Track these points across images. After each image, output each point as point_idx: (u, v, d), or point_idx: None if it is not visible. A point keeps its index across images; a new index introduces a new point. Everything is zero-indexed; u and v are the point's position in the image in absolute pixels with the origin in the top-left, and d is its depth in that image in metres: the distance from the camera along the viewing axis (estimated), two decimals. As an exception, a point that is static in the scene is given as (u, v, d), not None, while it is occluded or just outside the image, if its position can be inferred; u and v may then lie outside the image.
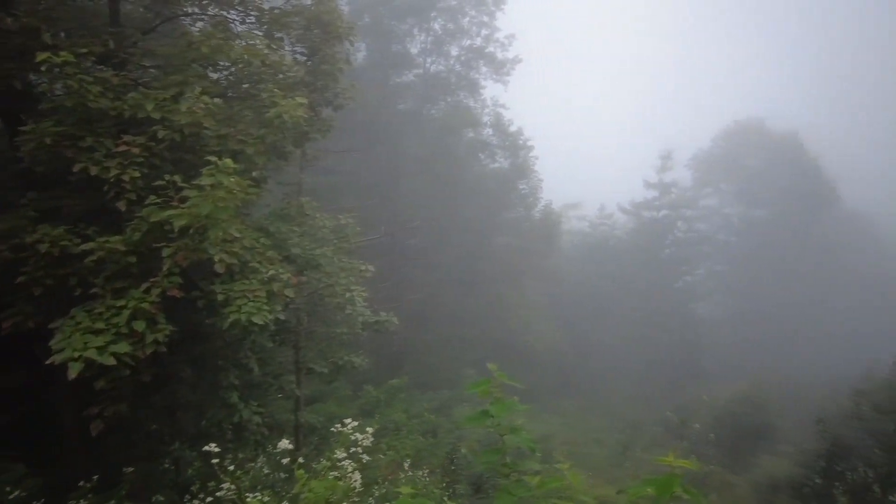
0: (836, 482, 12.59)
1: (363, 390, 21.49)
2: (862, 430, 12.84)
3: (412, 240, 30.18)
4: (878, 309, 45.79)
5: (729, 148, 51.16)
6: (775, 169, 48.10)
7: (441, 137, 32.42)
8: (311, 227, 10.51)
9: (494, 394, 2.79)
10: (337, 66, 10.89)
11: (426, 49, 35.76)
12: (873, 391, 13.09)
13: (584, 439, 24.95)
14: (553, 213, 37.95)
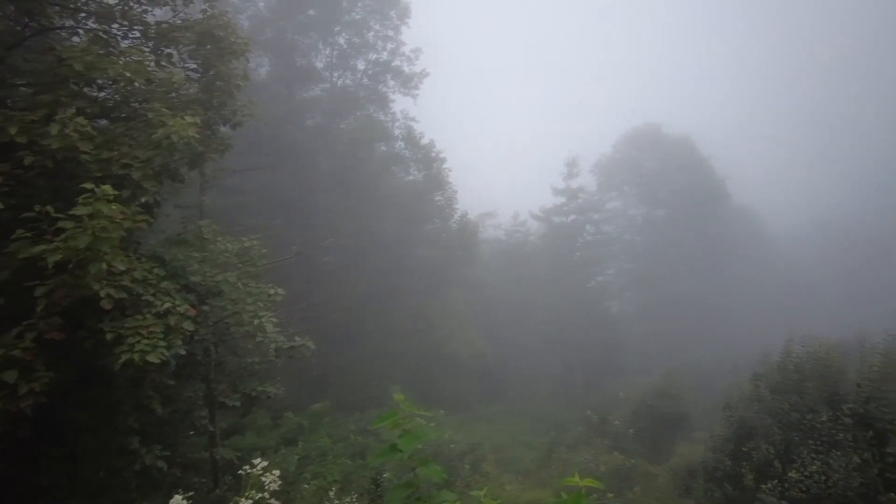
0: (743, 462, 13.40)
1: (284, 418, 20.65)
2: (762, 412, 13.71)
3: (329, 257, 29.44)
4: (768, 296, 50.05)
5: (629, 153, 54.17)
6: (672, 171, 51.65)
7: (352, 152, 31.98)
8: (212, 251, 9.88)
9: (404, 425, 2.65)
10: (233, 83, 10.38)
11: (332, 63, 35.29)
12: (769, 374, 14.05)
13: (512, 443, 25.21)
14: (470, 222, 38.39)
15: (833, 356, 12.68)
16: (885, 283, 51.85)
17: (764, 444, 13.08)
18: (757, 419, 13.78)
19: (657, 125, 55.77)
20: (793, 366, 13.36)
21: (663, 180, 52.03)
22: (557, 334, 41.61)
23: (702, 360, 36.81)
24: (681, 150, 53.29)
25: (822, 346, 13.23)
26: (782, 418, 12.87)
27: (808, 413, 11.96)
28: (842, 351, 13.45)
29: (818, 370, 12.69)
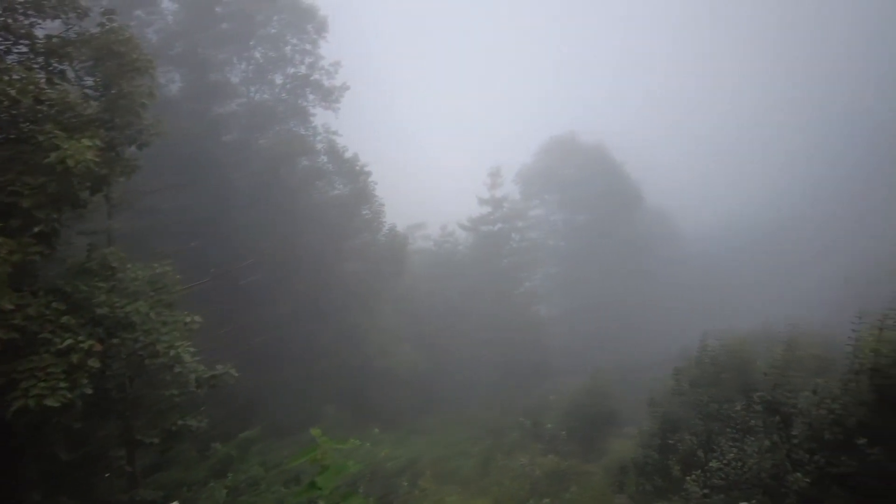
0: (670, 454, 13.99)
1: (212, 449, 19.61)
2: (684, 404, 14.40)
3: (252, 278, 28.39)
4: (683, 292, 53.01)
5: (548, 161, 56.00)
6: (589, 177, 53.87)
7: (273, 167, 31.11)
8: (120, 280, 9.21)
9: (322, 461, 2.54)
10: (138, 101, 9.78)
11: (248, 78, 34.28)
12: (688, 369, 14.80)
13: (451, 454, 25.10)
14: (398, 235, 38.26)
15: (744, 348, 13.55)
16: (786, 276, 56.25)
17: (687, 435, 13.72)
18: (680, 412, 14.46)
19: (573, 134, 58.13)
20: (709, 359, 14.15)
21: (581, 186, 54.15)
22: (490, 340, 42.10)
23: (627, 358, 38.28)
24: (595, 156, 55.83)
25: (734, 339, 14.11)
26: (702, 410, 13.57)
27: (725, 403, 12.68)
28: (751, 342, 14.40)
29: (732, 362, 13.51)
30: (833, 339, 11.66)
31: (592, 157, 55.62)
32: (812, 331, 14.04)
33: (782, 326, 12.96)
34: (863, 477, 7.79)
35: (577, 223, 55.22)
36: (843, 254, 53.04)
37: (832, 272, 48.80)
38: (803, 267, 56.60)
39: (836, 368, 9.94)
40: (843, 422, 8.39)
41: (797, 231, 66.09)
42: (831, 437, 8.44)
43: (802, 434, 9.07)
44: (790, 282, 52.09)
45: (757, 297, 49.40)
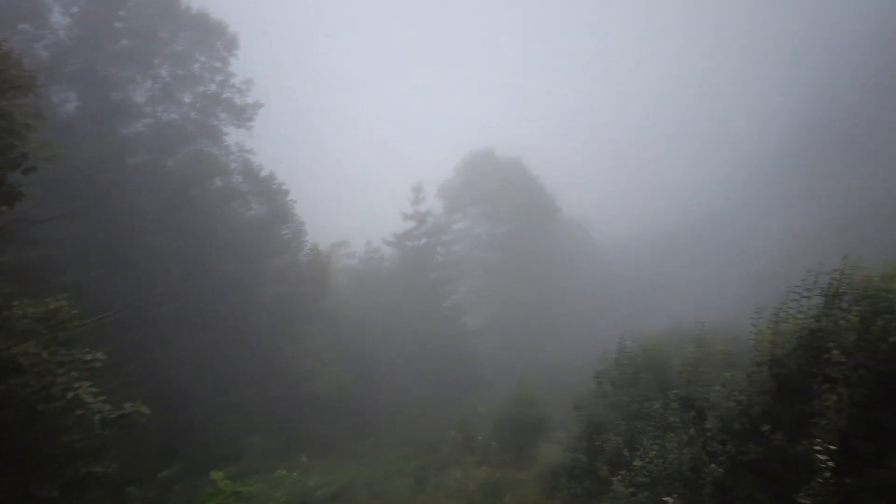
0: (597, 456, 14.36)
1: (127, 494, 18.17)
2: (608, 406, 14.86)
3: (166, 307, 26.76)
4: (600, 297, 55.27)
5: (468, 176, 56.95)
6: (508, 190, 55.30)
7: (184, 189, 29.65)
8: (6, 319, 8.36)
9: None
10: (21, 122, 9.01)
11: (155, 97, 32.50)
12: (608, 371, 15.32)
13: (385, 475, 24.62)
14: (321, 254, 37.46)
15: (658, 347, 14.22)
16: (696, 279, 59.95)
17: (612, 436, 14.15)
18: (604, 414, 14.90)
19: (491, 149, 59.46)
20: (627, 360, 14.72)
21: (501, 200, 55.43)
22: (419, 356, 41.95)
23: (553, 364, 39.22)
24: (513, 171, 57.46)
25: (649, 340, 14.77)
26: (624, 410, 14.05)
27: (645, 402, 13.20)
28: (665, 342, 15.13)
29: (648, 362, 14.13)
30: (738, 335, 12.45)
31: (511, 172, 57.19)
32: (719, 328, 14.94)
33: (692, 325, 13.70)
34: (768, 461, 8.31)
35: (499, 235, 56.36)
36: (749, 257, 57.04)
37: (738, 274, 52.48)
38: (712, 270, 60.57)
39: (741, 362, 10.59)
40: (749, 411, 8.93)
41: (705, 238, 70.80)
42: (740, 426, 8.96)
43: (715, 426, 9.58)
44: (699, 285, 55.58)
45: (670, 300, 52.33)
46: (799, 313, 8.82)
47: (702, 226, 74.45)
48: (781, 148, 70.04)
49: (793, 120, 70.98)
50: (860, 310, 7.88)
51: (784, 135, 71.26)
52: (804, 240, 43.61)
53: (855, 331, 7.80)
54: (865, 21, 61.71)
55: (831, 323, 8.14)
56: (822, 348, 8.03)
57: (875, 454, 7.26)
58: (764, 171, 72.08)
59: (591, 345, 32.42)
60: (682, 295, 52.96)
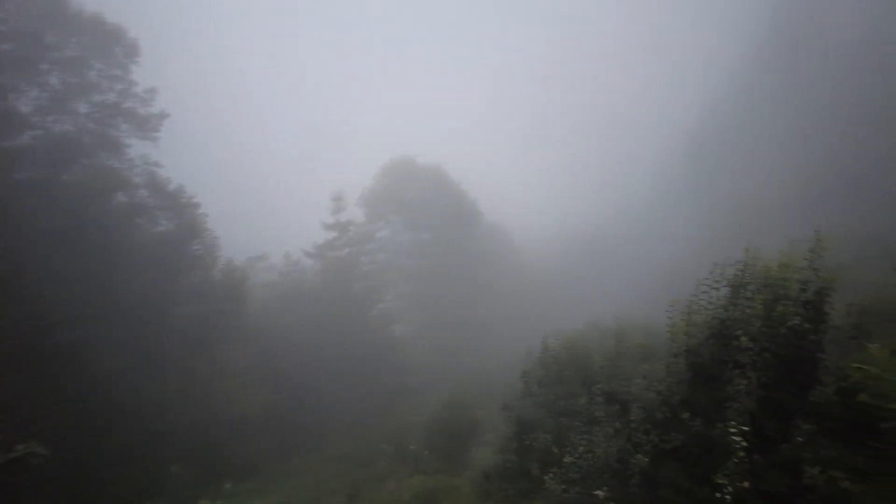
0: (528, 455, 14.57)
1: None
2: (535, 405, 15.13)
3: (67, 335, 24.61)
4: (524, 299, 56.64)
5: (389, 184, 56.66)
6: (430, 197, 55.53)
7: (83, 206, 27.50)
8: None
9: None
10: None
11: (44, 106, 29.90)
12: (534, 370, 15.63)
13: (318, 494, 23.93)
14: (237, 269, 35.97)
15: (581, 344, 14.66)
16: (613, 274, 62.67)
17: (541, 434, 14.41)
18: (532, 413, 15.15)
19: (411, 156, 59.53)
20: (551, 358, 15.08)
21: (423, 207, 55.57)
22: (349, 368, 41.11)
23: (482, 367, 39.65)
24: (434, 177, 57.77)
25: (572, 337, 15.20)
26: (551, 407, 14.36)
27: (571, 398, 13.55)
28: (587, 338, 15.64)
29: (572, 359, 14.53)
30: (654, 328, 13.06)
31: (432, 178, 57.48)
32: (636, 322, 15.63)
33: (611, 321, 14.24)
34: (689, 447, 8.73)
35: (423, 242, 56.40)
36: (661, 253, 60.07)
37: (652, 269, 55.27)
38: (629, 267, 63.45)
39: (659, 354, 11.09)
40: (669, 401, 9.36)
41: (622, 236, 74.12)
42: (661, 416, 9.36)
43: (639, 417, 9.95)
44: (618, 281, 58.15)
45: (590, 297, 54.32)
46: (709, 304, 9.35)
47: (617, 224, 77.99)
48: (688, 147, 74.61)
49: (699, 121, 75.86)
50: (763, 298, 8.47)
51: (691, 135, 76.02)
52: (711, 233, 46.72)
53: (759, 318, 8.36)
54: (763, 24, 66.77)
55: (738, 312, 8.68)
56: (731, 336, 8.55)
57: (780, 432, 7.81)
58: (673, 170, 76.55)
59: (519, 345, 33.07)
60: (602, 292, 55.20)
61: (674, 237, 59.14)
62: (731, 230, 39.48)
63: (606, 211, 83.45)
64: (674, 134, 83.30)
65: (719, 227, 46.92)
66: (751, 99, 62.30)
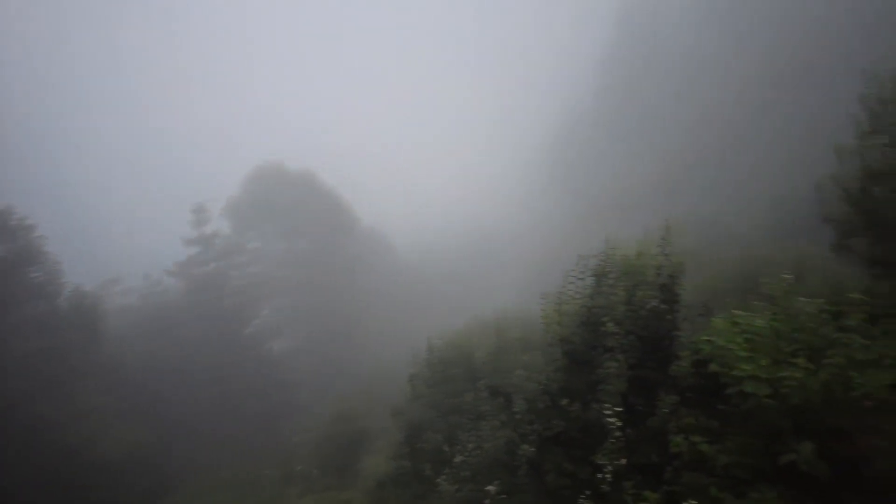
0: (420, 458, 14.55)
1: None
2: (424, 407, 15.16)
3: None
4: (409, 302, 56.75)
5: (258, 191, 54.04)
6: (302, 203, 53.62)
7: None
8: None
9: None
10: None
11: None
12: (421, 372, 15.66)
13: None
14: (87, 296, 32.32)
15: (464, 342, 14.92)
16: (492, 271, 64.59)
17: (431, 434, 14.48)
18: (421, 415, 15.18)
19: (280, 162, 57.24)
20: (436, 359, 15.20)
21: (296, 214, 53.63)
22: (224, 391, 38.60)
23: (370, 375, 39.10)
24: (306, 183, 55.97)
25: (455, 336, 15.43)
26: (440, 407, 14.48)
27: (457, 396, 13.75)
28: (469, 335, 15.95)
29: (456, 357, 14.75)
30: (531, 321, 13.62)
31: (303, 184, 55.59)
32: (515, 316, 16.22)
33: (491, 317, 14.67)
34: (569, 431, 9.18)
35: (299, 251, 54.41)
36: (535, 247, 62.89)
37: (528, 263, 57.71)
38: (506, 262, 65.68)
39: (537, 345, 11.58)
40: (549, 389, 9.77)
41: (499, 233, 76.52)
42: (543, 405, 9.76)
43: (522, 408, 10.30)
44: (496, 277, 60.08)
45: (472, 295, 55.67)
46: (577, 294, 9.91)
47: (494, 220, 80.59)
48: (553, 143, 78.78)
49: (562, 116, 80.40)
50: (624, 285, 9.13)
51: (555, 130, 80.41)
52: (578, 225, 49.83)
53: (622, 303, 9.00)
54: (615, 24, 72.00)
55: (603, 299, 9.29)
56: (598, 323, 9.12)
57: (647, 406, 8.47)
58: (540, 166, 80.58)
59: (406, 350, 33.01)
60: (485, 288, 56.73)
61: (545, 230, 62.33)
62: (594, 221, 42.50)
63: (483, 209, 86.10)
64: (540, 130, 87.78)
65: (584, 218, 50.26)
66: (609, 95, 67.33)
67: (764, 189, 30.37)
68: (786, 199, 24.46)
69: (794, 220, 20.18)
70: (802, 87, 35.59)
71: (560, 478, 8.92)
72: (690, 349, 8.20)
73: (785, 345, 7.44)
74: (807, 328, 7.59)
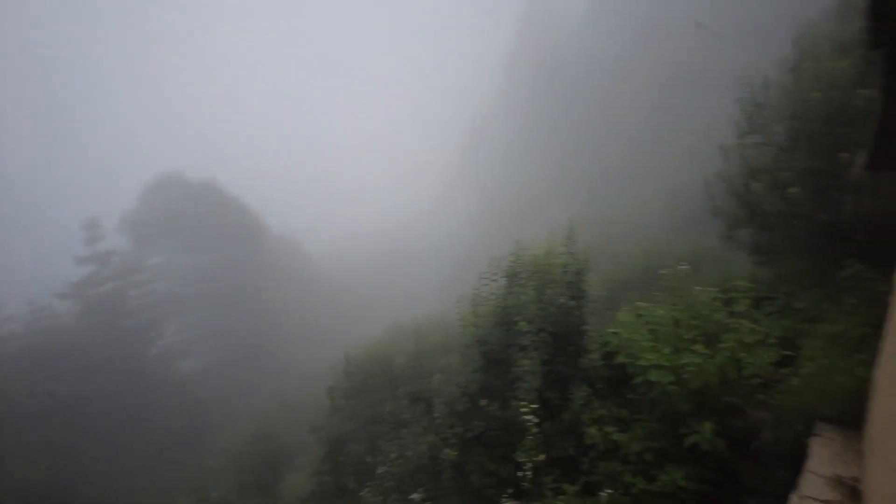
0: (343, 472, 14.21)
1: None
2: (344, 419, 14.82)
3: None
4: (328, 311, 55.52)
5: (156, 203, 50.87)
6: (205, 215, 51.08)
7: None
8: None
9: None
10: None
11: None
12: (339, 383, 15.29)
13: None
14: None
15: (382, 349, 14.74)
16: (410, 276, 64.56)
17: (353, 447, 14.19)
18: (342, 427, 14.84)
19: (180, 172, 54.11)
20: (355, 369, 14.92)
21: (200, 226, 51.01)
22: (131, 418, 35.91)
23: (288, 389, 37.87)
24: (209, 193, 53.31)
25: (374, 344, 15.22)
26: (361, 418, 14.22)
27: (378, 406, 13.55)
28: (388, 342, 15.79)
29: (375, 365, 14.54)
30: (450, 323, 13.67)
31: (206, 194, 52.91)
32: (433, 320, 16.24)
33: (410, 322, 14.58)
34: (490, 431, 9.28)
35: (205, 265, 51.72)
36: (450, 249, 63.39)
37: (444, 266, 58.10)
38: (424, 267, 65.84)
39: (455, 348, 11.63)
40: (468, 391, 9.84)
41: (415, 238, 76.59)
42: (462, 407, 9.80)
43: (442, 412, 10.30)
44: (415, 282, 60.08)
45: (392, 301, 55.33)
46: (491, 295, 10.07)
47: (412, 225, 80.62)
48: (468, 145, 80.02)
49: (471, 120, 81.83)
50: (534, 284, 9.37)
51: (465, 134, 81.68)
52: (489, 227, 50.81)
53: (533, 302, 9.23)
54: (515, 32, 73.91)
55: (515, 299, 9.49)
56: (512, 322, 9.30)
57: (561, 401, 8.73)
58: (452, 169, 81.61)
59: (325, 360, 32.19)
60: (405, 293, 56.58)
61: (462, 232, 63.18)
62: (507, 221, 43.55)
63: (402, 213, 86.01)
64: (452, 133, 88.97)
65: (496, 218, 51.41)
66: (513, 97, 69.30)
67: (662, 185, 32.41)
68: (680, 194, 26.18)
69: (688, 213, 21.64)
70: (695, 88, 38.36)
71: (483, 478, 9.00)
72: (599, 342, 8.54)
73: (684, 332, 7.92)
74: (702, 315, 8.11)
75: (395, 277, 66.98)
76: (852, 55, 9.40)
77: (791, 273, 10.22)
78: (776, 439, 6.66)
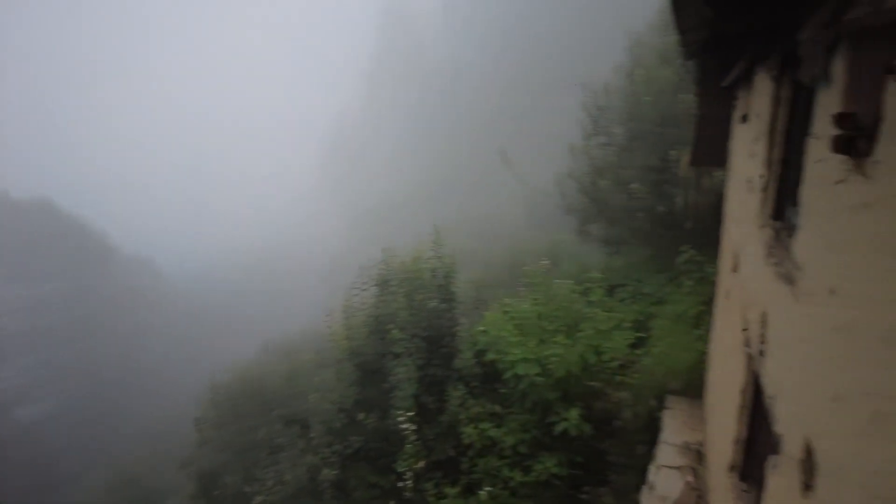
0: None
1: None
2: (216, 451, 13.77)
3: None
4: (186, 332, 51.53)
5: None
6: (39, 239, 44.97)
7: None
8: None
9: None
10: None
11: None
12: (207, 414, 14.15)
13: None
14: None
15: (252, 374, 13.89)
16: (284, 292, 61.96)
17: (228, 479, 13.22)
18: (214, 460, 13.78)
19: (3, 191, 47.21)
20: (223, 397, 13.91)
21: (32, 252, 44.85)
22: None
23: (152, 424, 34.57)
24: (42, 214, 47.05)
25: (243, 368, 14.30)
26: (233, 447, 13.29)
27: (251, 432, 12.74)
28: (257, 365, 14.91)
29: (245, 391, 13.66)
30: (323, 339, 13.20)
31: (37, 216, 46.61)
32: (305, 337, 15.59)
33: (280, 342, 13.89)
34: (370, 444, 9.07)
35: (40, 295, 45.55)
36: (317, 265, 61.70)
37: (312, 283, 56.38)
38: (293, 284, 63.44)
39: (329, 363, 11.25)
40: (344, 406, 9.55)
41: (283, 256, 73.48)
42: (339, 424, 9.49)
43: (319, 431, 9.90)
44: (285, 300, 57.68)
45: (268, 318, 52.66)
46: (362, 305, 9.86)
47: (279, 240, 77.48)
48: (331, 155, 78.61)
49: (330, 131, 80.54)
50: (405, 290, 9.32)
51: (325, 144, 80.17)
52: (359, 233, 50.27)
53: (404, 308, 9.17)
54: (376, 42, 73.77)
55: (386, 307, 9.37)
56: (385, 331, 9.17)
57: (438, 403, 8.76)
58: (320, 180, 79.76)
59: (195, 387, 29.69)
60: (277, 310, 54.18)
61: (331, 244, 61.96)
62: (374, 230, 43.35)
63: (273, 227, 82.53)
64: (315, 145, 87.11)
65: (364, 228, 51.07)
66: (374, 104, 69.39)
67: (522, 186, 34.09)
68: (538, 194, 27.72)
69: (546, 211, 22.93)
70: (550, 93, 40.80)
71: (366, 491, 8.77)
72: (470, 342, 8.68)
73: (547, 324, 8.31)
74: (563, 307, 8.57)
75: (269, 293, 64.13)
76: (674, 64, 10.53)
77: (638, 261, 11.19)
78: (634, 416, 7.18)
